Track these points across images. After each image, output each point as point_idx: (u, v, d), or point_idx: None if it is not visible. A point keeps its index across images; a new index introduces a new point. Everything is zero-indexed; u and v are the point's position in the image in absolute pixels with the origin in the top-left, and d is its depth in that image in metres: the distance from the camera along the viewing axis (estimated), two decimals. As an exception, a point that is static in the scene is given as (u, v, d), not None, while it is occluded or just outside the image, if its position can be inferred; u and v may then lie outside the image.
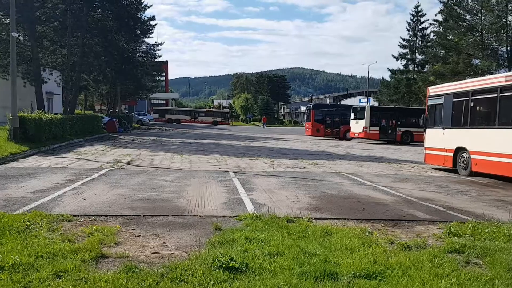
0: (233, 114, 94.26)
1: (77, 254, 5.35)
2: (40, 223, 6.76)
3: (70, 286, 4.38)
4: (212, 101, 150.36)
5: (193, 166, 14.81)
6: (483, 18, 41.94)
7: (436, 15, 48.92)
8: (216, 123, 77.62)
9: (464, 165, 15.37)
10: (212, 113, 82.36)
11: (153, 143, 25.78)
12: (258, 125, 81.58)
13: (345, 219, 7.82)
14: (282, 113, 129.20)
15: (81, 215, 7.44)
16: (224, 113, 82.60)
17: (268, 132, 53.39)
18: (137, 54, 48.72)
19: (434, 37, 51.30)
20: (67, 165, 14.34)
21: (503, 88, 13.57)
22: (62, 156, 17.23)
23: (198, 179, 11.94)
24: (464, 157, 15.42)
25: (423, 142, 18.17)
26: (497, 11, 39.31)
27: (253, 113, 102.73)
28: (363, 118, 35.46)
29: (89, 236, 6.19)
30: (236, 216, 7.48)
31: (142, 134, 37.18)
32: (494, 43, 41.93)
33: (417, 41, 61.00)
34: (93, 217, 7.35)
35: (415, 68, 61.25)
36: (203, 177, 12.21)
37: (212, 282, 4.59)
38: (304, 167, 15.44)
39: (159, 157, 17.31)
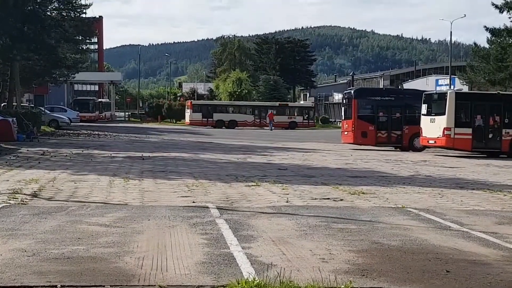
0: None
1: None
2: None
3: None
4: (179, 86, 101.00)
5: (147, 199, 11.05)
6: None
7: None
8: (294, 125, 55.51)
9: None
10: (289, 109, 58.79)
11: (77, 160, 19.23)
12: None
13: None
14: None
15: None
16: (306, 109, 59.98)
17: (278, 136, 41.15)
18: (49, 7, 34.67)
19: None
20: None
21: None
22: None
23: (156, 221, 8.64)
24: None
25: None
26: None
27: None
28: (444, 113, 25.06)
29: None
30: (222, 286, 5.55)
31: (58, 143, 27.34)
32: None
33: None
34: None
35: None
36: (165, 218, 8.93)
37: None
38: (341, 199, 11.68)
39: (88, 184, 12.99)
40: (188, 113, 56.00)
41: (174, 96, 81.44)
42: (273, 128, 52.80)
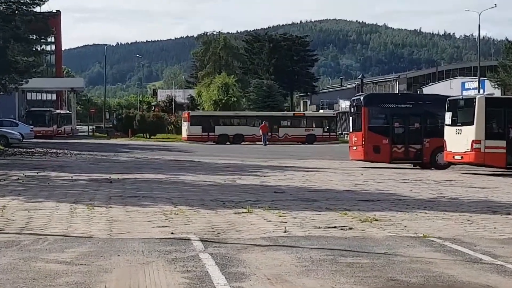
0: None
1: None
2: None
3: None
4: (154, 93, 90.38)
5: (116, 231, 9.66)
6: None
7: None
8: (312, 138, 49.68)
9: None
10: (305, 120, 52.60)
11: (31, 184, 17.19)
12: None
13: None
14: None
15: None
16: (327, 119, 52.76)
17: (273, 153, 38.17)
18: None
19: None
20: None
21: None
22: None
23: (127, 256, 7.39)
24: None
25: None
26: None
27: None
28: (472, 123, 22.16)
29: None
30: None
31: (8, 164, 24.65)
32: None
33: None
34: None
35: None
36: (138, 253, 7.71)
37: None
38: (350, 228, 10.33)
39: (44, 213, 11.49)
40: (185, 126, 49.11)
41: (147, 106, 73.19)
42: (267, 143, 46.99)
